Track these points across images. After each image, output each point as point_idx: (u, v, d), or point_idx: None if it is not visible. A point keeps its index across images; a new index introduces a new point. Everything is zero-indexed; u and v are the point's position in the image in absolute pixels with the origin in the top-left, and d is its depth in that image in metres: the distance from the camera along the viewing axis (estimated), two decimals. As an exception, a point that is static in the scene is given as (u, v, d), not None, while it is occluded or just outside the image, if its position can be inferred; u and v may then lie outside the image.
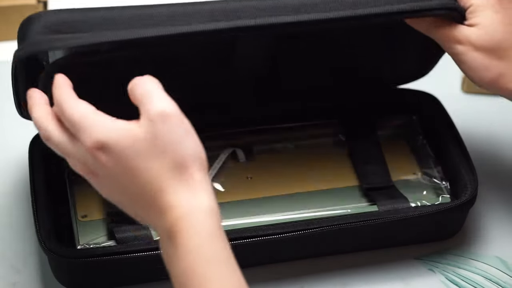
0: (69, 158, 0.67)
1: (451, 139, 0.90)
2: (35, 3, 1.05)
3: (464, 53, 0.78)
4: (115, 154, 0.64)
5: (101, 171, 0.65)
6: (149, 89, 0.65)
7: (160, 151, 0.63)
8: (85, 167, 0.66)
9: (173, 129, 0.63)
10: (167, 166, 0.63)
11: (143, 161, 0.63)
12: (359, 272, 0.85)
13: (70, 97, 0.67)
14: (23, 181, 0.90)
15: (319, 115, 0.93)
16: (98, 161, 0.64)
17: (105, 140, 0.64)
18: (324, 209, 0.85)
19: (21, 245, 0.86)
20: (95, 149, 0.64)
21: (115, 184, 0.65)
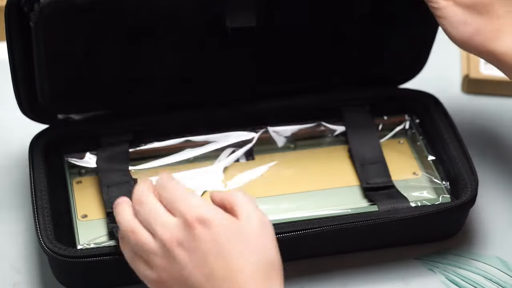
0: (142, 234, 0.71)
1: (451, 139, 0.90)
2: (36, 4, 1.05)
3: (445, 7, 0.80)
4: (215, 231, 0.68)
5: (191, 244, 0.68)
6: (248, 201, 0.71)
7: (256, 248, 0.68)
8: (171, 237, 0.69)
9: (270, 234, 0.70)
10: (257, 263, 0.68)
11: (239, 249, 0.68)
12: (359, 272, 0.85)
13: (173, 179, 0.73)
14: (23, 180, 0.90)
15: (319, 115, 0.94)
16: (193, 233, 0.68)
17: (210, 217, 0.69)
18: (324, 209, 0.85)
19: (21, 245, 0.86)
20: (197, 222, 0.68)
21: (200, 259, 0.68)
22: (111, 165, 0.86)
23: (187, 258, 0.69)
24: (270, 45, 0.88)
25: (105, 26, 0.81)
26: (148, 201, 0.72)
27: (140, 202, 0.72)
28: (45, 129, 0.88)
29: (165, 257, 0.69)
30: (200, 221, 0.69)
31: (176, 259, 0.69)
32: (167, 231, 0.70)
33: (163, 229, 0.70)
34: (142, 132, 0.90)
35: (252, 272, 0.68)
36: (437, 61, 1.08)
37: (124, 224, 0.72)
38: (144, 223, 0.71)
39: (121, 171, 0.86)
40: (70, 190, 0.86)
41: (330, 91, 0.95)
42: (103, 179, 0.85)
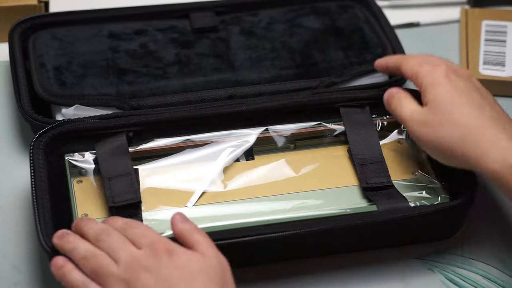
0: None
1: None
2: (36, 4, 1.05)
3: (424, 132, 0.81)
4: (181, 261, 0.71)
5: (157, 270, 0.71)
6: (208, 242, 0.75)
7: (217, 282, 0.71)
8: (138, 263, 0.71)
9: (229, 272, 0.73)
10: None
11: (203, 279, 0.71)
12: (359, 272, 0.85)
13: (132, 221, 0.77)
14: (24, 180, 0.90)
15: (319, 115, 0.94)
16: (159, 260, 0.71)
17: (176, 248, 0.72)
18: (323, 209, 0.85)
19: (22, 245, 0.86)
20: (164, 250, 0.72)
21: (166, 284, 0.70)
22: (112, 157, 0.87)
23: (152, 281, 0.70)
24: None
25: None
26: (114, 233, 0.75)
27: (106, 233, 0.75)
28: (45, 129, 0.88)
29: (128, 281, 0.71)
30: (168, 251, 0.72)
31: (140, 281, 0.70)
32: (133, 257, 0.72)
33: (130, 255, 0.72)
34: (142, 132, 0.90)
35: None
36: (436, 61, 1.08)
37: (85, 248, 0.74)
38: (108, 250, 0.73)
39: (121, 163, 0.86)
40: (71, 190, 0.86)
41: (330, 91, 0.95)
42: (104, 172, 0.86)
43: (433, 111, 0.81)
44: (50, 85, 0.95)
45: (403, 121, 0.84)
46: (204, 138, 0.91)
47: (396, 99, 0.86)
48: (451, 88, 0.81)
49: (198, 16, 1.05)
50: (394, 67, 0.89)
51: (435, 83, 0.82)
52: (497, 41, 1.09)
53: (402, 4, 1.17)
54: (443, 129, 0.80)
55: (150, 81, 0.97)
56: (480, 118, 0.79)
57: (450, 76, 0.82)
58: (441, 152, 0.80)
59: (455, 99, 0.80)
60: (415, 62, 0.85)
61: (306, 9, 1.07)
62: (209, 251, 0.73)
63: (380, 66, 0.91)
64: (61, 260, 0.75)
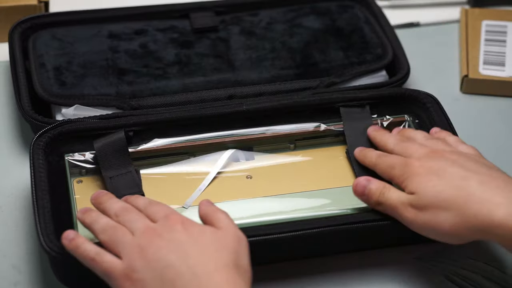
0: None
1: (450, 140, 0.90)
2: (36, 4, 1.05)
3: (415, 219, 0.79)
4: (193, 230, 0.74)
5: (169, 235, 0.73)
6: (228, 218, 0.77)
7: (230, 252, 0.73)
8: (152, 230, 0.74)
9: (245, 247, 0.75)
10: (229, 263, 0.72)
11: (214, 247, 0.73)
12: (359, 272, 0.85)
13: (153, 200, 0.80)
14: (24, 180, 0.90)
15: (319, 115, 0.94)
16: (173, 229, 0.74)
17: (190, 221, 0.75)
18: (323, 209, 0.85)
19: (22, 245, 0.86)
20: (179, 222, 0.74)
21: (177, 246, 0.72)
22: (112, 155, 0.87)
23: (164, 244, 0.72)
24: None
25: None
26: (131, 210, 0.77)
27: (126, 210, 0.77)
28: (45, 129, 0.88)
29: (141, 245, 0.73)
30: (182, 222, 0.75)
31: (153, 244, 0.72)
32: (148, 227, 0.74)
33: (145, 225, 0.75)
34: (142, 132, 0.90)
35: (223, 267, 0.72)
36: (436, 61, 1.08)
37: (105, 221, 0.77)
38: (126, 224, 0.76)
39: (122, 161, 0.86)
40: (71, 190, 0.86)
41: (330, 91, 0.95)
42: (105, 170, 0.86)
43: (420, 199, 0.78)
44: (50, 85, 0.95)
45: (394, 208, 0.81)
46: (204, 138, 0.91)
47: (378, 188, 0.82)
48: (429, 175, 0.79)
49: (198, 16, 1.05)
50: (370, 166, 0.87)
51: (412, 177, 0.80)
52: (497, 41, 1.08)
53: (402, 4, 1.17)
54: (438, 214, 0.77)
55: (150, 81, 0.97)
56: (466, 189, 0.77)
57: (423, 165, 0.80)
58: (442, 235, 0.79)
59: (437, 186, 0.78)
60: (386, 165, 0.83)
61: (306, 9, 1.07)
62: (227, 226, 0.75)
63: (357, 157, 0.89)
64: (72, 233, 0.77)
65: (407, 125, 0.94)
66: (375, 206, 0.82)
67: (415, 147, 0.83)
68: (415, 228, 0.80)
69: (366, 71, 1.00)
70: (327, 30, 1.04)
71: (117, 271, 0.73)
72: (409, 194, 0.80)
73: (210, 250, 0.72)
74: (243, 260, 0.74)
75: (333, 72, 0.99)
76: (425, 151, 0.82)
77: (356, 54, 1.01)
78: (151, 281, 0.71)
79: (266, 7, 1.08)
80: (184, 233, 0.73)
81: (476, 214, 0.75)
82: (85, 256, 0.75)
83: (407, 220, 0.80)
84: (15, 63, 0.98)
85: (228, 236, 0.74)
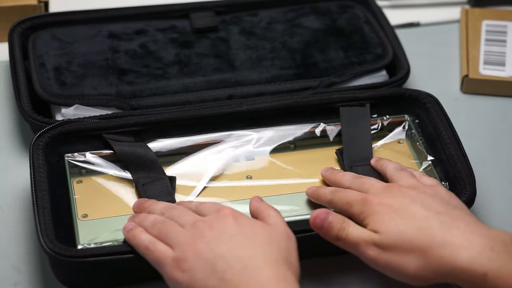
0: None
1: (451, 140, 0.90)
2: (36, 4, 1.05)
3: (378, 258, 0.77)
4: (245, 223, 0.75)
5: (220, 227, 0.74)
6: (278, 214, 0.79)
7: (280, 248, 0.74)
8: (203, 221, 0.75)
9: (294, 244, 0.76)
10: (279, 259, 0.73)
11: (264, 241, 0.74)
12: (359, 272, 0.85)
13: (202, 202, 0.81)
14: (24, 180, 0.90)
15: (319, 115, 0.94)
16: (224, 221, 0.75)
17: (242, 215, 0.76)
18: (324, 209, 0.85)
19: (22, 245, 0.86)
20: (230, 214, 0.75)
21: (227, 238, 0.73)
22: (139, 163, 0.87)
23: (215, 235, 0.73)
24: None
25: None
26: (177, 206, 0.79)
27: (172, 207, 0.79)
28: (45, 129, 0.88)
29: (192, 236, 0.74)
30: (233, 215, 0.76)
31: (205, 236, 0.73)
32: (199, 219, 0.76)
33: (195, 218, 0.76)
34: (142, 132, 0.90)
35: (273, 262, 0.72)
36: (437, 61, 1.08)
37: (154, 217, 0.78)
38: (175, 219, 0.77)
39: (153, 168, 0.87)
40: (71, 190, 0.86)
41: (330, 91, 0.95)
42: (136, 177, 0.86)
43: (383, 239, 0.76)
44: (50, 85, 0.95)
45: (355, 245, 0.78)
46: (204, 138, 0.91)
47: (338, 222, 0.79)
48: (390, 214, 0.77)
49: (198, 16, 1.05)
50: (324, 204, 0.84)
51: (372, 215, 0.78)
52: (497, 41, 1.08)
53: (402, 4, 1.17)
54: (402, 256, 0.76)
55: (150, 81, 0.97)
56: (428, 231, 0.75)
57: (382, 202, 0.78)
58: (406, 277, 0.77)
59: (399, 226, 0.76)
60: (343, 203, 0.80)
61: (306, 9, 1.07)
62: (278, 223, 0.76)
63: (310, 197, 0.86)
64: (131, 224, 0.79)
65: (407, 125, 0.94)
66: (334, 241, 0.79)
67: (371, 182, 0.82)
68: (377, 267, 0.78)
69: (366, 71, 1.00)
70: (327, 30, 1.04)
71: (168, 260, 0.74)
72: (371, 231, 0.77)
73: (261, 244, 0.73)
74: (293, 257, 0.75)
75: (333, 72, 0.99)
76: (382, 185, 0.81)
77: (356, 54, 1.01)
78: (201, 270, 0.72)
79: (266, 7, 1.08)
80: (235, 226, 0.74)
81: (440, 257, 0.74)
82: (140, 245, 0.76)
83: (369, 258, 0.77)
84: (15, 63, 0.98)
85: (278, 232, 0.75)
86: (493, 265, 0.72)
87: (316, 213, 0.79)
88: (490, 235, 0.75)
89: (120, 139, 0.89)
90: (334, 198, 0.82)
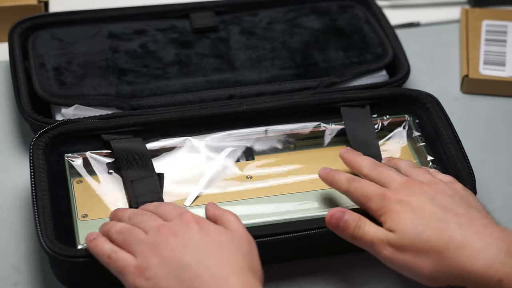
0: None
1: (451, 140, 0.90)
2: (36, 4, 1.05)
3: (393, 258, 0.77)
4: (208, 230, 0.74)
5: (184, 234, 0.73)
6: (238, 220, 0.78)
7: (244, 253, 0.74)
8: (167, 228, 0.74)
9: (255, 248, 0.76)
10: (243, 264, 0.72)
11: (230, 248, 0.73)
12: (359, 272, 0.85)
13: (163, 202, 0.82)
14: (24, 180, 0.90)
15: (319, 115, 0.94)
16: (187, 228, 0.73)
17: (205, 220, 0.75)
18: (324, 209, 0.85)
19: (22, 245, 0.86)
20: (194, 221, 0.74)
21: (193, 246, 0.72)
22: (133, 160, 0.87)
23: (179, 242, 0.72)
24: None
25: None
26: (144, 212, 0.78)
27: (139, 213, 0.77)
28: (45, 129, 0.88)
29: (155, 243, 0.73)
30: (197, 221, 0.74)
31: (169, 243, 0.72)
32: (162, 224, 0.75)
33: (159, 224, 0.75)
34: (142, 132, 0.90)
35: (240, 269, 0.71)
36: (436, 61, 1.08)
37: (121, 225, 0.77)
38: (140, 225, 0.76)
39: (143, 166, 0.86)
40: (71, 190, 0.86)
41: (330, 91, 0.95)
42: (126, 174, 0.86)
43: (400, 239, 0.76)
44: (50, 85, 0.95)
45: (371, 244, 0.78)
46: (204, 138, 0.91)
47: (354, 220, 0.79)
48: (408, 213, 0.76)
49: (198, 16, 1.05)
50: (340, 191, 0.83)
51: (390, 213, 0.77)
52: (497, 41, 1.08)
53: (402, 4, 1.17)
54: (419, 257, 0.75)
55: (150, 81, 0.97)
56: (447, 233, 0.74)
57: (402, 200, 0.77)
58: (421, 278, 0.76)
59: (417, 226, 0.75)
60: (361, 194, 0.79)
61: (306, 9, 1.07)
62: (237, 228, 0.76)
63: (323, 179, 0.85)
64: (94, 234, 0.78)
65: (407, 126, 0.94)
66: (350, 239, 0.79)
67: (391, 174, 0.81)
68: (393, 266, 0.77)
69: (366, 71, 1.00)
70: (327, 30, 1.04)
71: (129, 268, 0.73)
72: (388, 230, 0.77)
73: (226, 252, 0.72)
74: (255, 262, 0.74)
75: (333, 72, 0.99)
76: (402, 180, 0.80)
77: (356, 54, 1.01)
78: (166, 278, 0.71)
79: (266, 7, 1.08)
80: (199, 233, 0.73)
81: (457, 260, 0.73)
82: (102, 254, 0.75)
83: (385, 258, 0.77)
84: (15, 63, 0.98)
85: (240, 238, 0.75)
86: (508, 269, 0.72)
87: (331, 212, 0.79)
88: (506, 238, 0.74)
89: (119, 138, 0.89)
90: (350, 188, 0.81)
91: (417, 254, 0.75)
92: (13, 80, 0.96)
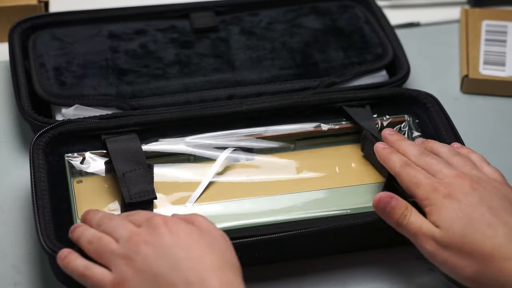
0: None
1: (451, 140, 0.90)
2: (36, 4, 1.05)
3: (435, 254, 0.76)
4: (179, 230, 0.72)
5: (155, 240, 0.72)
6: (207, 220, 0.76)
7: (219, 249, 0.72)
8: (137, 236, 0.73)
9: (229, 243, 0.74)
10: (219, 261, 0.71)
11: (202, 246, 0.72)
12: (359, 272, 0.85)
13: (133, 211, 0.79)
14: (24, 180, 0.90)
15: (319, 115, 0.94)
16: (158, 232, 0.72)
17: (174, 221, 0.74)
18: (324, 209, 0.85)
19: (22, 245, 0.86)
20: (163, 224, 0.73)
21: (164, 252, 0.71)
22: (124, 154, 0.87)
23: (151, 251, 0.71)
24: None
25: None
26: (115, 217, 0.77)
27: (108, 218, 0.76)
28: (45, 129, 0.88)
29: (128, 254, 0.72)
30: (165, 222, 0.73)
31: (140, 253, 0.71)
32: (133, 232, 0.73)
33: (129, 232, 0.73)
34: (142, 132, 0.90)
35: (217, 269, 0.70)
36: (436, 61, 1.08)
37: (91, 233, 0.76)
38: (110, 231, 0.75)
39: (136, 158, 0.86)
40: (71, 190, 0.86)
41: (330, 91, 0.95)
42: (118, 166, 0.86)
43: (445, 236, 0.75)
44: (50, 85, 0.95)
45: (414, 235, 0.77)
46: (204, 138, 0.91)
47: (401, 209, 0.78)
48: (456, 211, 0.75)
49: (198, 16, 1.05)
50: (391, 171, 0.83)
51: (437, 207, 0.76)
52: (497, 41, 1.09)
53: (402, 4, 1.17)
54: (461, 258, 0.75)
55: (150, 81, 0.97)
56: (493, 240, 0.73)
57: (451, 196, 0.76)
58: (461, 278, 0.76)
59: (464, 226, 0.75)
60: (411, 181, 0.79)
61: (306, 9, 1.07)
62: (210, 226, 0.75)
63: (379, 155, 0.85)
64: (65, 251, 0.76)
65: (407, 125, 0.94)
66: (395, 226, 0.78)
67: (440, 166, 0.80)
68: (433, 261, 0.77)
69: (366, 71, 1.00)
70: (327, 30, 1.04)
71: (107, 283, 0.72)
72: (433, 224, 0.76)
73: (200, 253, 0.71)
74: (233, 257, 0.73)
75: (333, 72, 0.99)
76: (452, 173, 0.79)
77: (356, 54, 1.01)
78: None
79: (266, 7, 1.08)
80: (169, 236, 0.72)
81: (501, 269, 0.73)
82: (76, 272, 0.74)
83: (427, 252, 0.76)
84: (15, 63, 0.98)
85: (214, 235, 0.74)
86: None
87: (380, 196, 0.79)
88: None
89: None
90: (402, 173, 0.80)
91: (460, 254, 0.74)
92: (13, 80, 0.96)
